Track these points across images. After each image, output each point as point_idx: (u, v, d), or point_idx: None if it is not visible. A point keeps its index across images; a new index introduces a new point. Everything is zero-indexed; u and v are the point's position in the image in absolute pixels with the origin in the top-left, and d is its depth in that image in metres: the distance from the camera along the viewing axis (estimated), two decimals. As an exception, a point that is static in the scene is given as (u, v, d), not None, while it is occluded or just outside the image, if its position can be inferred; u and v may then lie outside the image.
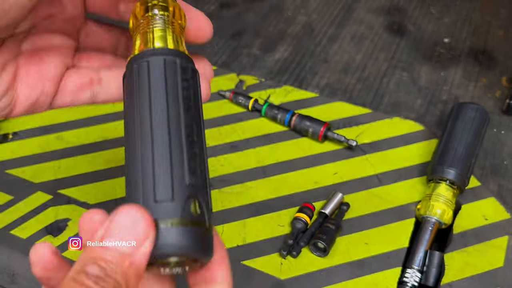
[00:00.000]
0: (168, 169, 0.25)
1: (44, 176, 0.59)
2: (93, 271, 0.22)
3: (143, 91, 0.27)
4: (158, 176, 0.25)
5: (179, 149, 0.26)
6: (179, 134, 0.26)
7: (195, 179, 0.26)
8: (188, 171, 0.26)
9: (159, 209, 0.25)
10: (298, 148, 0.63)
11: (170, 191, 0.25)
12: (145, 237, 0.24)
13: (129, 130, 0.27)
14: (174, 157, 0.26)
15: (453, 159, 0.57)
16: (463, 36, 0.82)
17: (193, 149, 0.27)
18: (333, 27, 0.83)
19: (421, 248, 0.53)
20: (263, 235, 0.55)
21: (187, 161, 0.26)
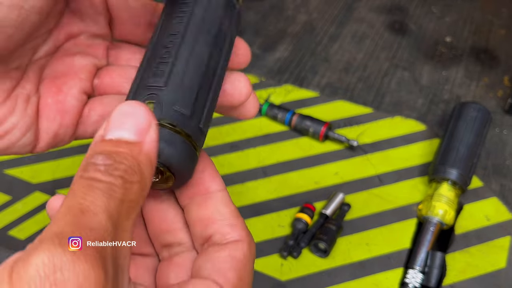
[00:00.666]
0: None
1: (43, 176, 0.59)
2: (101, 161, 0.21)
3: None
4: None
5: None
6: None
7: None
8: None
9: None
10: (298, 148, 0.63)
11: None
12: (148, 124, 0.22)
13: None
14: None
15: (455, 159, 0.56)
16: (464, 35, 0.82)
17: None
18: (334, 26, 0.83)
19: (423, 248, 0.53)
20: (264, 236, 0.54)
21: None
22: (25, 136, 0.29)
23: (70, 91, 0.30)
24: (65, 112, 0.30)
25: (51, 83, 0.30)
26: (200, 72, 0.27)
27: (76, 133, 0.31)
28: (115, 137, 0.22)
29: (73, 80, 0.30)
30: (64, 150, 0.61)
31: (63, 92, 0.30)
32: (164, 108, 0.25)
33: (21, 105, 0.28)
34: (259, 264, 0.52)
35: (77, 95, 0.30)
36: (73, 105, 0.30)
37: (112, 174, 0.20)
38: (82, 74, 0.31)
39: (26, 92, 0.29)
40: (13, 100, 0.28)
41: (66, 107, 0.30)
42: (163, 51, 0.27)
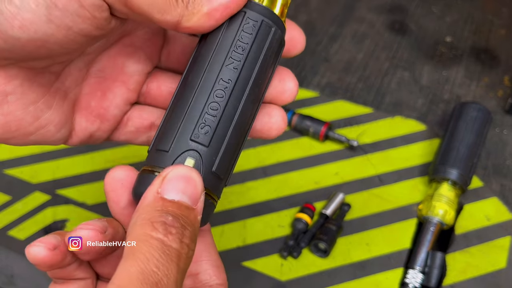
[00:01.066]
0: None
1: (42, 176, 0.59)
2: (171, 222, 0.21)
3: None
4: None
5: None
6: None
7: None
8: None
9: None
10: (298, 148, 0.63)
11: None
12: (201, 192, 0.23)
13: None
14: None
15: (455, 159, 0.56)
16: (465, 35, 0.82)
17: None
18: (334, 26, 0.82)
19: (423, 249, 0.53)
20: (264, 236, 0.54)
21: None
22: (60, 132, 0.29)
23: (114, 100, 0.30)
24: (106, 119, 0.30)
25: (97, 86, 0.30)
26: (240, 134, 0.27)
27: (111, 137, 0.31)
28: (177, 199, 0.22)
29: (120, 89, 0.30)
30: (64, 150, 0.61)
31: (108, 100, 0.30)
32: (204, 170, 0.25)
33: (59, 101, 0.28)
34: (259, 264, 0.52)
35: (121, 106, 0.30)
36: (115, 114, 0.30)
37: (182, 241, 0.21)
38: (131, 84, 0.30)
39: (64, 88, 0.28)
40: (51, 96, 0.28)
41: (108, 115, 0.30)
42: (211, 100, 0.26)
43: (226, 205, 0.56)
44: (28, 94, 0.26)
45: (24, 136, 0.27)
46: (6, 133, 0.27)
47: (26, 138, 0.27)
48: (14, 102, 0.26)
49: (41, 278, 0.51)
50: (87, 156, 0.61)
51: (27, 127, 0.27)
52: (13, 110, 0.26)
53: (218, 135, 0.25)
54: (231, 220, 0.55)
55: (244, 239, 0.54)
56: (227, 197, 0.57)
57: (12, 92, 0.26)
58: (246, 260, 0.52)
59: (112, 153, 0.61)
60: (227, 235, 0.54)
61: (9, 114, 0.26)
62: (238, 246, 0.53)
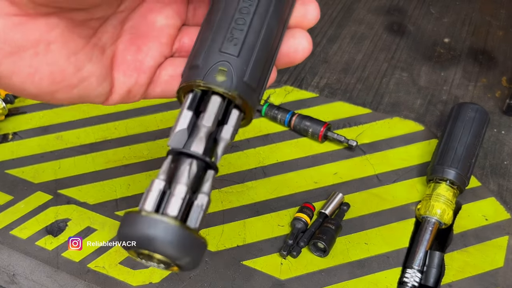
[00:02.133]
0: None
1: (44, 176, 0.59)
2: None
3: None
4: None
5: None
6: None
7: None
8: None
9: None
10: (298, 148, 0.63)
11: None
12: None
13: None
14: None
15: (453, 159, 0.57)
16: (463, 36, 0.82)
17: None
18: (333, 27, 0.83)
19: (421, 248, 0.53)
20: (263, 235, 0.54)
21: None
22: (101, 86, 0.30)
23: (149, 52, 0.31)
24: (142, 71, 0.31)
25: (131, 41, 0.31)
26: (268, 45, 0.27)
27: (147, 91, 0.32)
28: None
29: (153, 43, 0.31)
30: (66, 150, 0.62)
31: (143, 52, 0.31)
32: (235, 79, 0.26)
33: (98, 55, 0.29)
34: (259, 263, 0.52)
35: (156, 58, 0.31)
36: (151, 66, 0.31)
37: None
38: (163, 38, 0.32)
39: (101, 44, 0.30)
40: (90, 48, 0.29)
41: (144, 67, 0.31)
42: (237, 15, 0.27)
43: (226, 204, 0.57)
44: (69, 44, 0.27)
45: (69, 88, 0.28)
46: (52, 85, 0.27)
47: (71, 91, 0.28)
48: (56, 51, 0.27)
49: (43, 277, 0.51)
50: (88, 156, 0.61)
51: (70, 78, 0.28)
52: (57, 60, 0.27)
53: (247, 47, 0.26)
54: (231, 219, 0.56)
55: (243, 238, 0.54)
56: (227, 197, 0.58)
57: (54, 41, 0.27)
58: (245, 259, 0.52)
59: (113, 153, 0.61)
60: (227, 234, 0.54)
61: (53, 63, 0.27)
62: (238, 245, 0.54)
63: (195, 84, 0.27)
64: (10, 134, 0.63)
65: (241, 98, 0.26)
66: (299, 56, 0.30)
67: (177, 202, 0.25)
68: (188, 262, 0.24)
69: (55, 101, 0.29)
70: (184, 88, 0.27)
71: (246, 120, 0.29)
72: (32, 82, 0.27)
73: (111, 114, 0.66)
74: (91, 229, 0.54)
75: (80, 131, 0.64)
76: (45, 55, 0.27)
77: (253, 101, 0.27)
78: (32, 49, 0.26)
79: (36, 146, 0.62)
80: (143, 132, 0.64)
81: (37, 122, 0.65)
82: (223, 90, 0.26)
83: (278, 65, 0.31)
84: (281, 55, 0.30)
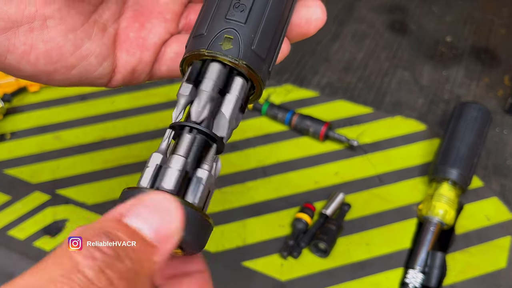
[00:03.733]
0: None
1: (42, 176, 0.58)
2: (102, 248, 0.17)
3: None
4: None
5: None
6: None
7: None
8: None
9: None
10: (298, 147, 0.62)
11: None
12: (175, 232, 0.19)
13: None
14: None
15: (455, 159, 0.56)
16: (465, 35, 0.82)
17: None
18: (334, 25, 0.82)
19: (423, 248, 0.53)
20: (264, 236, 0.54)
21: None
22: (102, 66, 0.28)
23: (153, 29, 0.30)
24: (146, 49, 0.30)
25: (134, 18, 0.30)
26: (278, 13, 0.26)
27: (152, 71, 0.31)
28: (135, 225, 0.18)
29: (157, 19, 0.30)
30: (64, 150, 0.61)
31: (146, 29, 0.30)
32: (243, 47, 0.24)
33: (98, 33, 0.28)
34: (259, 264, 0.52)
35: (160, 35, 0.30)
36: (155, 42, 0.30)
37: (103, 273, 0.16)
38: (167, 14, 0.30)
39: (102, 21, 0.28)
40: (90, 26, 0.28)
41: (147, 44, 0.30)
42: None
43: (226, 205, 0.56)
44: (67, 20, 0.26)
45: (67, 69, 0.27)
46: (49, 64, 0.26)
47: (69, 72, 0.27)
48: (53, 27, 0.26)
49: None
50: (86, 156, 0.61)
51: (68, 57, 0.27)
52: (53, 37, 0.26)
53: (254, 13, 0.25)
54: (231, 220, 0.55)
55: (244, 239, 0.54)
56: (227, 197, 0.57)
57: (51, 16, 0.26)
58: (246, 260, 0.52)
59: (112, 153, 0.61)
60: (227, 235, 0.54)
61: (49, 40, 0.26)
62: (238, 246, 0.53)
63: (199, 54, 0.25)
64: (8, 134, 0.63)
65: (248, 67, 0.24)
66: (312, 27, 0.28)
67: (173, 174, 0.22)
68: (189, 241, 0.22)
69: (53, 82, 0.27)
70: (187, 59, 0.26)
71: (255, 94, 0.27)
72: (27, 61, 0.26)
73: (110, 113, 0.65)
74: (90, 229, 0.54)
75: (79, 130, 0.63)
76: (41, 32, 0.25)
77: (262, 72, 0.25)
78: (27, 24, 0.25)
79: (34, 146, 0.62)
80: (142, 132, 0.63)
81: (35, 121, 0.64)
82: (229, 59, 0.24)
83: (290, 37, 0.29)
84: (293, 26, 0.28)
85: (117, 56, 0.29)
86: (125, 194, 0.22)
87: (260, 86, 0.26)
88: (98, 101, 0.67)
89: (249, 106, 0.66)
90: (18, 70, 0.26)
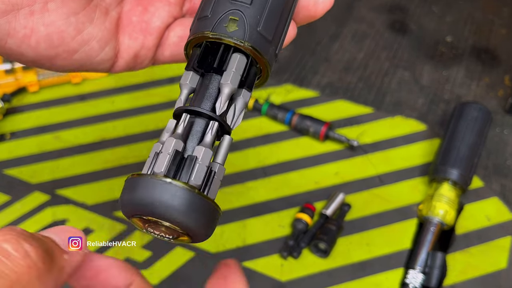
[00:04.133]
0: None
1: (42, 176, 0.58)
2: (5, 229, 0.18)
3: None
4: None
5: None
6: None
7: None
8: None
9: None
10: (298, 148, 0.62)
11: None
12: (74, 235, 0.21)
13: None
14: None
15: (455, 159, 0.56)
16: (465, 35, 0.82)
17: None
18: (334, 25, 0.82)
19: (423, 249, 0.52)
20: (264, 236, 0.54)
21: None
22: (104, 51, 0.28)
23: (156, 12, 0.29)
24: (149, 33, 0.29)
25: (137, 2, 0.29)
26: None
27: (155, 56, 0.30)
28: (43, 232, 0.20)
29: (161, 2, 0.29)
30: (64, 150, 0.61)
31: (149, 13, 0.29)
32: (248, 28, 0.23)
33: (100, 17, 0.27)
34: (259, 264, 0.52)
35: (163, 18, 0.29)
36: (158, 26, 0.29)
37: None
38: None
39: (105, 4, 0.28)
40: (91, 9, 0.27)
41: (150, 28, 0.29)
42: None
43: (226, 205, 0.56)
44: (68, 3, 0.26)
45: (69, 54, 0.27)
46: (50, 48, 0.26)
47: (71, 57, 0.27)
48: (54, 10, 0.25)
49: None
50: (86, 156, 0.61)
51: (70, 41, 0.26)
52: (54, 20, 0.25)
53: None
54: (231, 220, 0.55)
55: (244, 239, 0.54)
56: (227, 197, 0.57)
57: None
58: (246, 260, 0.52)
59: (111, 153, 0.61)
60: (227, 235, 0.54)
61: (50, 24, 0.25)
62: (238, 246, 0.53)
63: (204, 36, 0.24)
64: (8, 134, 0.63)
65: (255, 49, 0.24)
66: (320, 9, 0.28)
67: (164, 158, 0.22)
68: (196, 227, 0.21)
69: (55, 68, 0.27)
70: (192, 42, 0.25)
71: (262, 78, 0.26)
72: (28, 45, 0.25)
73: (110, 113, 0.65)
74: (89, 229, 0.54)
75: (78, 130, 0.63)
76: (41, 15, 0.25)
77: (269, 55, 0.24)
78: (27, 7, 0.24)
79: (33, 146, 0.62)
80: (142, 132, 0.63)
81: (34, 121, 0.64)
82: (234, 41, 0.24)
83: (297, 20, 0.28)
84: (300, 8, 0.27)
85: (119, 41, 0.29)
86: (129, 181, 0.22)
87: (267, 68, 0.25)
88: (98, 101, 0.66)
89: (249, 106, 0.66)
90: (19, 55, 0.26)
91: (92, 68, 0.28)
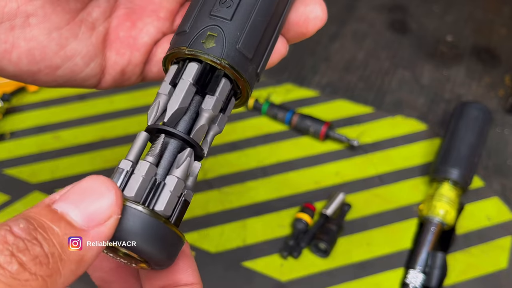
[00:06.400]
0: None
1: (42, 176, 0.58)
2: (16, 230, 0.16)
3: None
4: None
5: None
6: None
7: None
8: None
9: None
10: (299, 147, 0.62)
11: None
12: (108, 215, 0.18)
13: None
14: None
15: (456, 159, 0.56)
16: (465, 34, 0.81)
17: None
18: (335, 25, 0.82)
19: (424, 249, 0.52)
20: (264, 236, 0.54)
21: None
22: (89, 67, 0.27)
23: (144, 28, 0.28)
24: (136, 49, 0.28)
25: (126, 16, 0.28)
26: (270, 9, 0.24)
27: (144, 72, 0.29)
28: (62, 210, 0.18)
29: (150, 18, 0.28)
30: (64, 150, 0.61)
31: (137, 28, 0.28)
32: (227, 45, 0.22)
33: (85, 32, 0.26)
34: (259, 264, 0.52)
35: (151, 34, 0.28)
36: (146, 42, 0.28)
37: (13, 256, 0.16)
38: (161, 12, 0.29)
39: (91, 19, 0.27)
40: (76, 24, 0.26)
41: (137, 44, 0.28)
42: None
43: (226, 205, 0.56)
44: (51, 18, 0.25)
45: (52, 69, 0.26)
46: (32, 64, 0.25)
47: (54, 73, 0.26)
48: (36, 25, 0.25)
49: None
50: (86, 156, 0.60)
51: (52, 57, 0.25)
52: (36, 35, 0.25)
53: (242, 9, 0.23)
54: (231, 220, 0.55)
55: (244, 239, 0.54)
56: (227, 197, 0.57)
57: (33, 14, 0.24)
58: (246, 260, 0.52)
59: (111, 153, 0.61)
60: (227, 235, 0.54)
61: (32, 39, 0.25)
62: (238, 246, 0.53)
63: (180, 52, 0.23)
64: (8, 134, 0.63)
65: (232, 68, 0.22)
66: (311, 26, 0.26)
67: (137, 181, 0.21)
68: (145, 251, 0.20)
69: (39, 83, 0.26)
70: (169, 58, 0.24)
71: (242, 98, 0.25)
72: (9, 60, 0.25)
73: (108, 113, 0.65)
74: (89, 229, 0.54)
75: (78, 130, 0.63)
76: (23, 30, 0.24)
77: (248, 74, 0.23)
78: (7, 21, 0.24)
79: (33, 146, 0.61)
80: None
81: (34, 121, 0.64)
82: (210, 58, 0.22)
83: (288, 37, 0.27)
84: (291, 25, 0.26)
85: (106, 56, 0.28)
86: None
87: (246, 90, 0.24)
88: (97, 101, 0.66)
89: (250, 106, 0.65)
90: (0, 69, 0.25)
91: (77, 84, 0.27)
